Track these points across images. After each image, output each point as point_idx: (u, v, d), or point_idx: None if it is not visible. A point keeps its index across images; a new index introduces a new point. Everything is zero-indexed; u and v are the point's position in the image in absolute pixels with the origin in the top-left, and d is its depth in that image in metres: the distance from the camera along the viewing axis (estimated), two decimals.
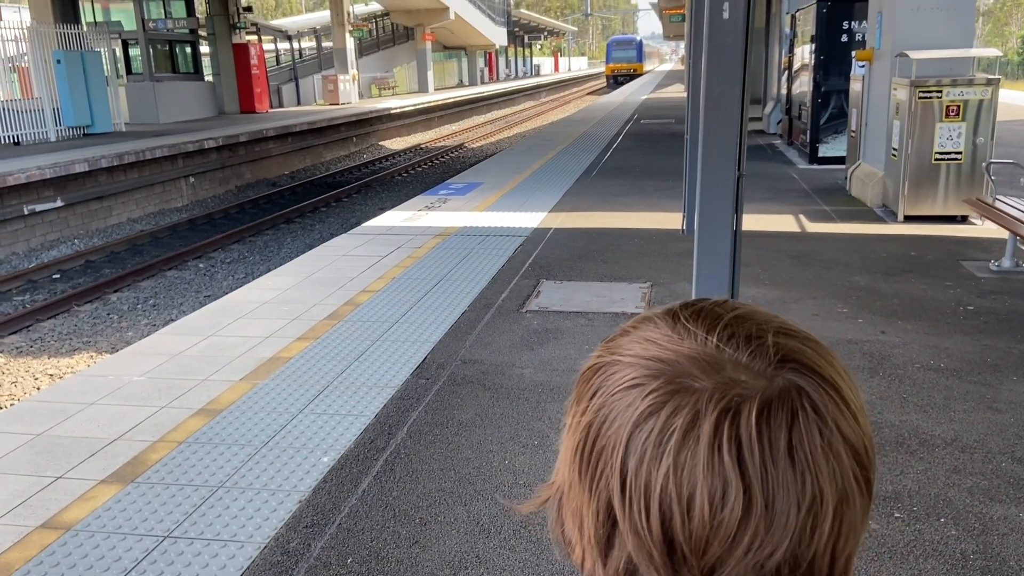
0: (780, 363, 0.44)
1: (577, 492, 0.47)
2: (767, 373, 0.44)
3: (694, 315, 0.48)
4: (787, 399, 0.43)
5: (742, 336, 0.46)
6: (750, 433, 0.42)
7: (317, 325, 5.08)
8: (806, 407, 0.43)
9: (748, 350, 0.45)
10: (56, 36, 16.60)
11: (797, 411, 0.43)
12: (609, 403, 0.45)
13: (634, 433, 0.43)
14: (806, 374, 0.44)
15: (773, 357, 0.45)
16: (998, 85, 7.36)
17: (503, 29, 49.60)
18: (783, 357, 0.45)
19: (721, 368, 0.44)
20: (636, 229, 7.72)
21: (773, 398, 0.43)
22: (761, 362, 0.44)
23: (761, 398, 0.43)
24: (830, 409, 0.44)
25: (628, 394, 0.45)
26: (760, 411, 0.42)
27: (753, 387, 0.43)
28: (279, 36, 31.41)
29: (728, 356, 0.45)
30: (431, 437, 3.56)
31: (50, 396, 4.20)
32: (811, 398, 0.44)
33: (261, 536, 2.83)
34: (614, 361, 0.47)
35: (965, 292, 5.47)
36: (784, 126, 14.05)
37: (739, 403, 0.42)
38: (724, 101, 3.28)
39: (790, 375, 0.44)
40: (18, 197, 11.43)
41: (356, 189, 16.37)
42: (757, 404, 0.42)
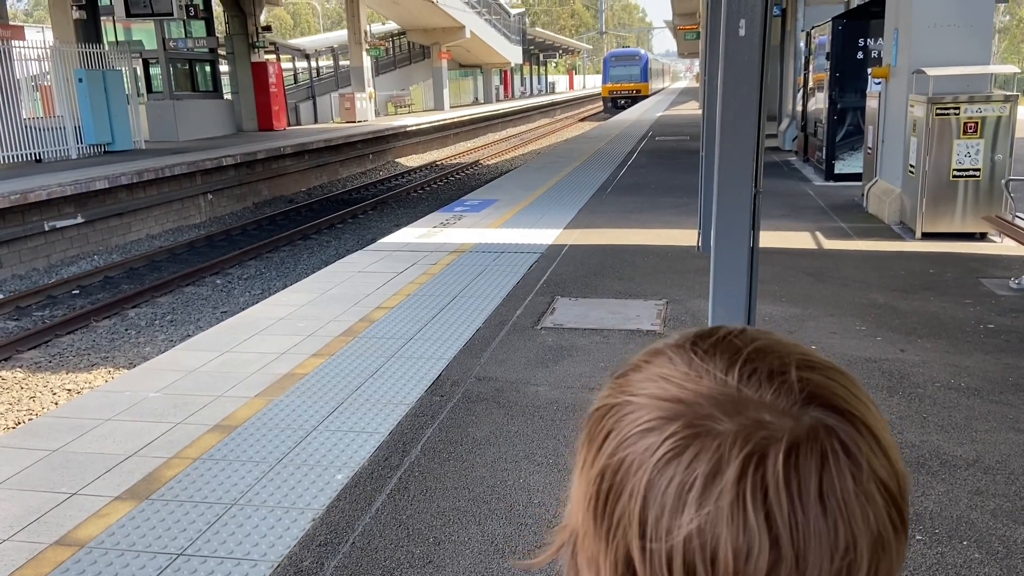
0: (806, 401, 0.42)
1: (592, 540, 0.44)
2: (793, 412, 0.41)
3: (711, 349, 0.45)
4: (816, 440, 0.40)
5: (764, 372, 0.43)
6: (777, 480, 0.39)
7: (332, 342, 5.09)
8: (836, 449, 0.40)
9: (771, 388, 0.42)
10: (78, 55, 16.84)
11: (827, 453, 0.40)
12: (624, 447, 0.43)
13: (653, 480, 0.41)
14: (834, 412, 0.42)
15: (799, 395, 0.42)
16: (1016, 102, 7.31)
17: (518, 47, 49.88)
18: (809, 394, 0.42)
19: (744, 408, 0.41)
20: (651, 246, 7.70)
21: (801, 440, 0.40)
22: (786, 400, 0.42)
23: (788, 441, 0.40)
24: (862, 449, 0.41)
25: (645, 438, 0.42)
26: (788, 455, 0.40)
27: (779, 428, 0.40)
28: (297, 55, 31.73)
29: (750, 395, 0.42)
30: (445, 455, 3.54)
31: (66, 412, 4.22)
32: (841, 439, 0.41)
33: (275, 554, 2.82)
34: (627, 402, 0.45)
35: (985, 310, 5.41)
36: (800, 143, 14.01)
37: (765, 447, 0.40)
38: (741, 118, 3.27)
39: (817, 413, 0.41)
40: (39, 213, 11.57)
41: (372, 206, 16.45)
42: (784, 447, 0.40)
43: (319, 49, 33.24)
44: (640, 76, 43.43)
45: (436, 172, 22.12)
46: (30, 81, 18.35)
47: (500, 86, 53.57)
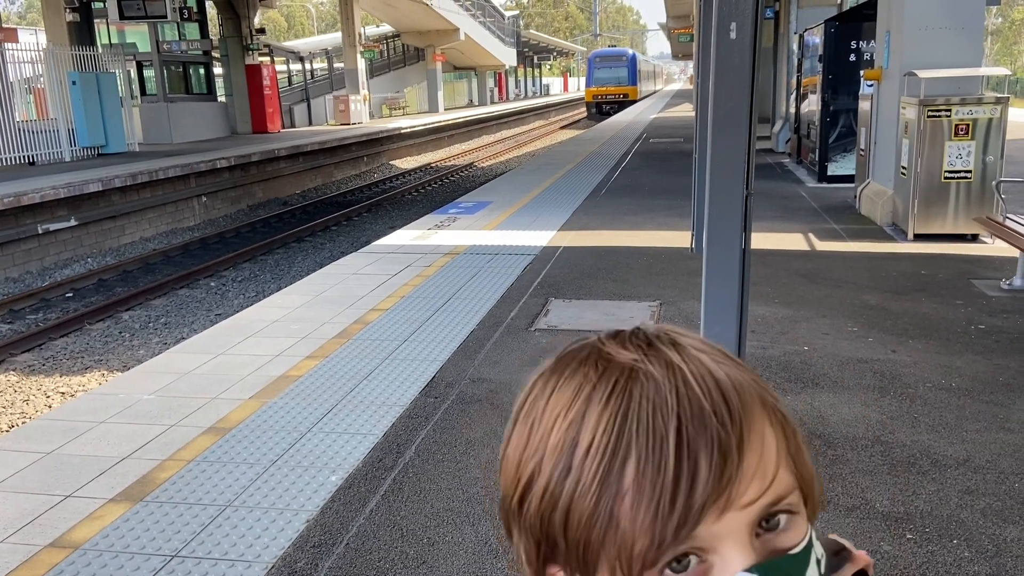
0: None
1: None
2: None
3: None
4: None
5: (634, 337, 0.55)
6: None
7: (327, 344, 5.09)
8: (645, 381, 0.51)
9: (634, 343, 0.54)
10: (71, 58, 16.81)
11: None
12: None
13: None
14: None
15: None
16: (1007, 103, 7.35)
17: (513, 50, 49.91)
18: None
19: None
20: (645, 248, 7.73)
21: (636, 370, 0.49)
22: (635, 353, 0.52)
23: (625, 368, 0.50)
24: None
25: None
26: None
27: (620, 361, 0.51)
28: (291, 57, 31.71)
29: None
30: (439, 456, 3.55)
31: (60, 414, 4.22)
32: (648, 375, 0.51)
33: (269, 556, 2.83)
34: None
35: (976, 311, 5.44)
36: (793, 145, 14.06)
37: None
38: (732, 120, 3.29)
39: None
40: (32, 216, 11.54)
41: (366, 208, 16.45)
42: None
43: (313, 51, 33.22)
44: (628, 78, 39.66)
45: (431, 174, 22.13)
46: (23, 83, 18.29)
47: (495, 88, 53.60)
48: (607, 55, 41.64)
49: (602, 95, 39.12)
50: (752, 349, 4.51)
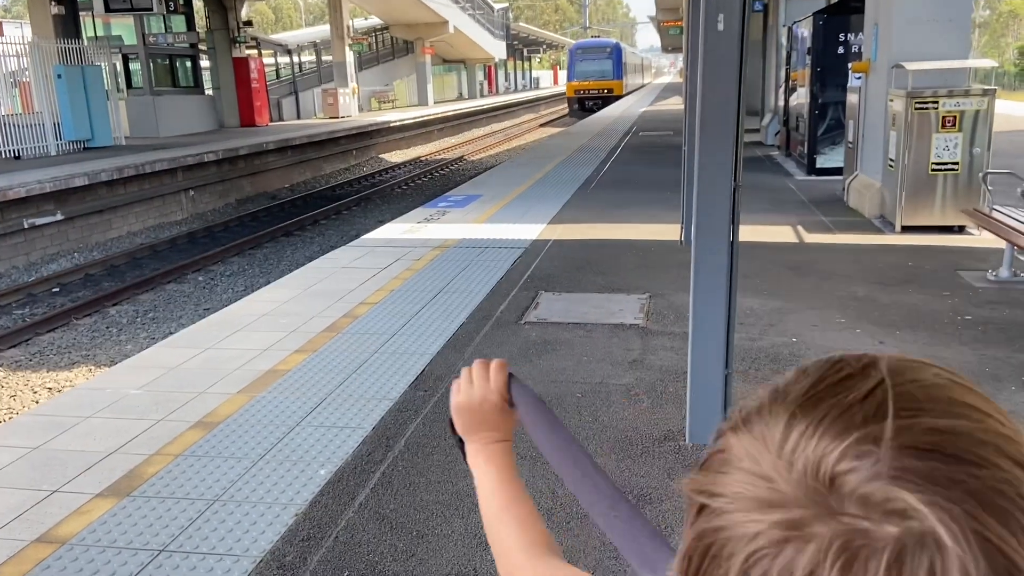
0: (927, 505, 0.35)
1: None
2: (903, 515, 0.34)
3: (816, 423, 0.38)
4: (923, 554, 0.34)
5: (872, 467, 0.36)
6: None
7: (315, 337, 5.08)
8: (949, 567, 0.33)
9: (879, 483, 0.35)
10: (57, 51, 16.67)
11: (935, 570, 0.33)
12: (711, 533, 0.39)
13: (747, 570, 0.37)
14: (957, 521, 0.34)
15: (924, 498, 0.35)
16: (994, 96, 7.38)
17: (502, 42, 49.81)
18: (931, 498, 0.35)
19: (840, 508, 0.35)
20: (635, 240, 7.73)
21: (906, 552, 0.34)
22: (896, 502, 0.35)
23: (890, 553, 0.34)
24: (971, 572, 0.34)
25: (742, 527, 0.38)
26: (888, 569, 0.34)
27: (880, 537, 0.34)
28: (279, 50, 31.55)
29: (849, 490, 0.36)
30: (429, 449, 3.55)
31: (47, 410, 4.19)
32: (961, 559, 0.33)
33: (257, 549, 2.82)
34: (719, 484, 0.40)
35: (963, 302, 5.47)
36: (782, 138, 14.09)
37: (861, 556, 0.34)
38: (720, 112, 3.29)
39: (934, 523, 0.34)
40: (18, 211, 11.45)
41: (356, 202, 16.40)
42: (884, 561, 0.34)
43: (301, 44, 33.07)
44: (612, 72, 36.83)
45: (420, 168, 22.08)
46: (8, 77, 18.13)
47: (484, 81, 53.49)
48: (589, 47, 38.74)
49: (584, 90, 36.47)
50: (741, 341, 4.53)
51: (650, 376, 4.33)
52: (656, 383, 4.23)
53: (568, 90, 37.98)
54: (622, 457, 3.44)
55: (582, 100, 36.28)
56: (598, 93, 35.96)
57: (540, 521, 0.84)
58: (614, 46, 38.28)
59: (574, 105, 36.75)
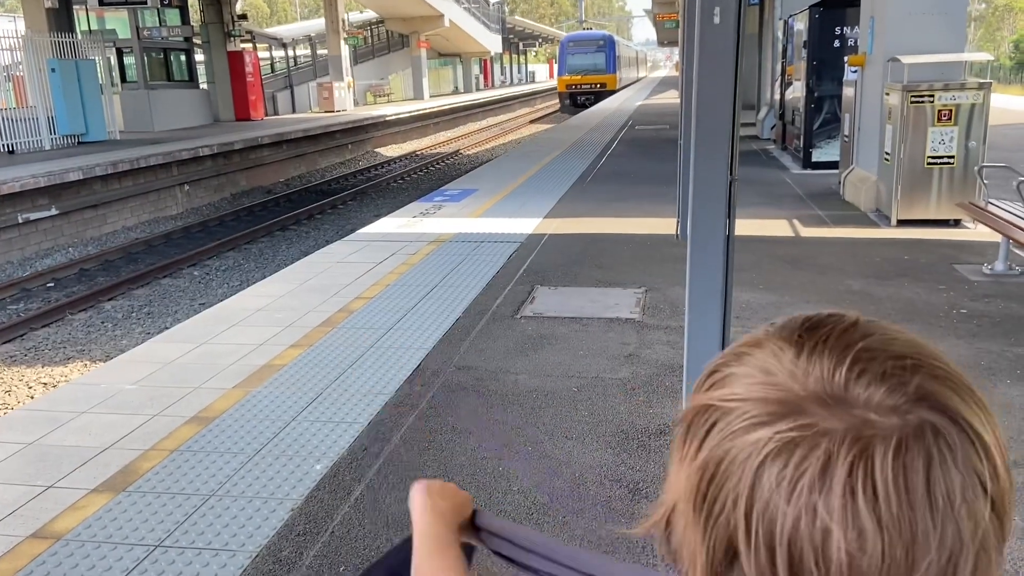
0: (915, 401, 0.42)
1: (692, 529, 0.46)
2: (900, 411, 0.42)
3: (821, 343, 0.46)
4: (922, 440, 0.41)
5: (875, 373, 0.44)
6: (886, 477, 0.40)
7: (311, 332, 5.07)
8: (943, 449, 0.41)
9: (881, 388, 0.43)
10: (51, 45, 16.59)
11: (933, 453, 0.41)
12: (730, 440, 0.44)
13: (759, 474, 0.42)
14: (941, 413, 0.42)
15: (910, 395, 0.43)
16: (990, 89, 7.38)
17: (498, 36, 49.70)
18: (919, 396, 0.43)
19: (851, 407, 0.42)
20: (631, 234, 7.73)
21: (908, 439, 0.41)
22: (894, 400, 0.42)
23: (896, 439, 0.41)
24: (968, 453, 0.42)
25: (752, 432, 0.43)
26: (896, 452, 0.41)
27: (886, 427, 0.41)
28: (274, 44, 31.42)
29: (859, 394, 0.43)
30: (425, 444, 3.55)
31: (42, 405, 4.18)
32: (947, 440, 0.42)
33: (253, 545, 2.82)
34: (731, 395, 0.46)
35: (958, 296, 5.48)
36: (778, 131, 14.08)
37: (872, 445, 0.41)
38: (716, 105, 3.28)
39: (924, 414, 0.42)
40: (12, 206, 11.41)
41: (351, 196, 16.37)
42: (892, 445, 0.41)
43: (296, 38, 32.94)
44: (605, 66, 35.43)
45: (416, 162, 22.04)
46: (2, 71, 18.04)
47: (480, 75, 53.39)
48: (581, 39, 37.01)
49: (576, 85, 34.99)
50: (737, 335, 4.52)
51: (646, 370, 4.33)
52: (652, 377, 4.23)
53: (559, 85, 36.42)
54: (618, 451, 3.44)
55: (574, 95, 34.93)
56: (590, 88, 34.73)
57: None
58: (607, 38, 36.65)
59: (565, 101, 35.44)
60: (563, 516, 2.95)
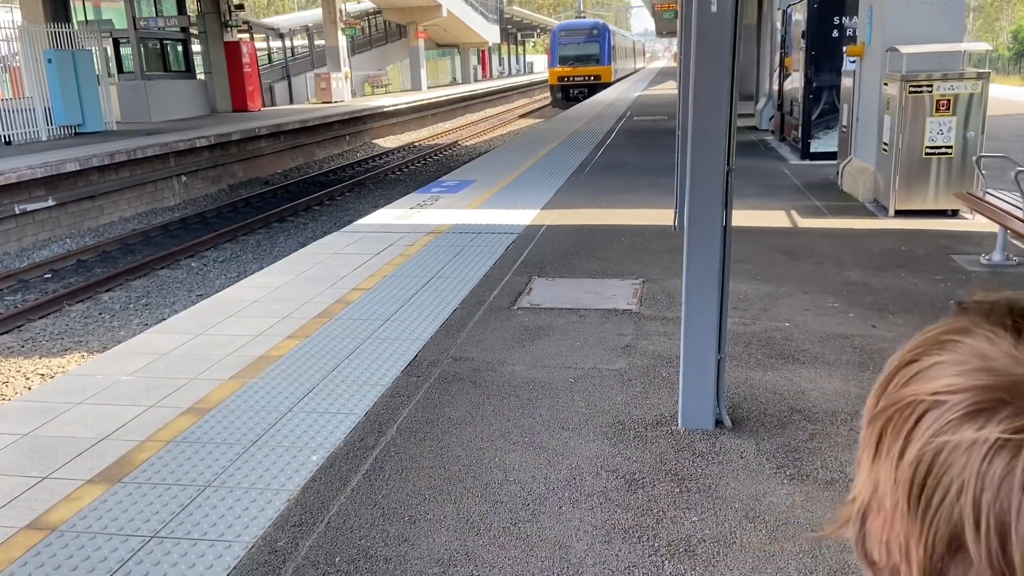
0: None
1: (905, 523, 0.45)
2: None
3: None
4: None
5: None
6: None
7: (308, 323, 5.06)
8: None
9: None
10: (47, 35, 16.52)
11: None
12: (946, 432, 0.43)
13: (987, 463, 0.41)
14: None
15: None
16: (988, 79, 7.36)
17: (496, 27, 49.54)
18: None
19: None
20: (628, 226, 7.72)
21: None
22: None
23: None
24: None
25: (973, 421, 0.42)
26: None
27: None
28: (271, 34, 31.31)
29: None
30: (421, 435, 3.55)
31: (37, 396, 4.17)
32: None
33: (249, 535, 2.82)
34: (947, 386, 0.44)
35: (956, 286, 5.48)
36: (776, 122, 14.06)
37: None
38: (713, 95, 3.27)
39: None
40: (9, 196, 11.38)
41: (349, 187, 16.34)
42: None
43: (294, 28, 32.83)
44: (600, 56, 33.62)
45: (413, 153, 21.99)
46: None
47: (478, 66, 53.24)
48: (574, 28, 34.94)
49: (569, 77, 33.14)
50: (734, 325, 4.53)
51: (643, 361, 4.32)
52: (649, 368, 4.23)
53: (550, 77, 34.48)
54: (615, 442, 3.44)
55: (566, 88, 33.11)
56: (584, 80, 32.94)
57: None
58: (601, 27, 34.62)
59: (557, 94, 33.63)
60: (559, 507, 2.95)
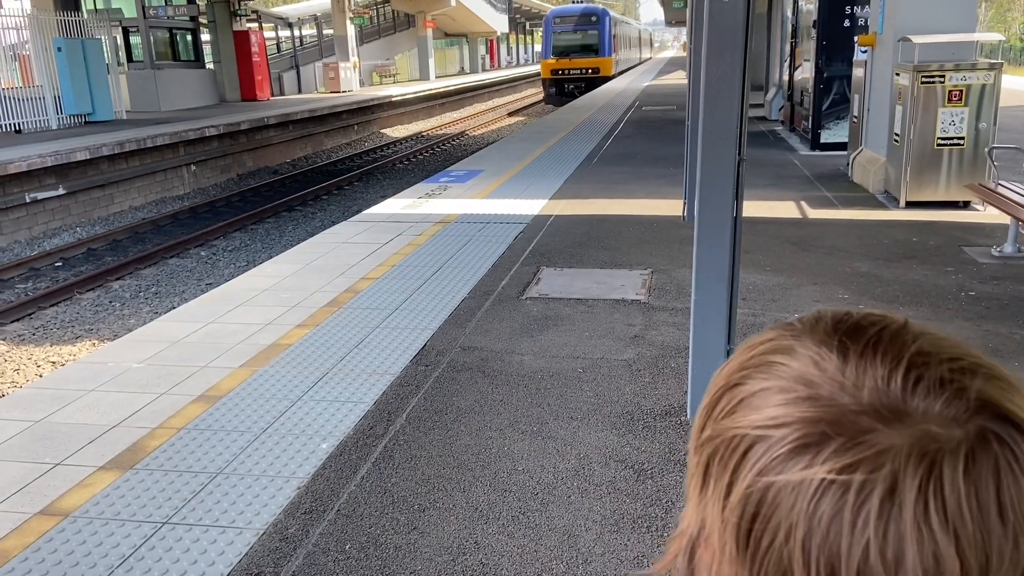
0: (976, 410, 0.39)
1: (735, 565, 0.42)
2: (961, 422, 0.39)
3: (870, 348, 0.41)
4: (988, 450, 0.38)
5: (933, 380, 0.40)
6: (958, 492, 0.37)
7: (317, 312, 5.08)
8: (1009, 458, 0.38)
9: (941, 397, 0.39)
10: (57, 24, 16.54)
11: (1001, 465, 0.38)
12: (773, 469, 0.40)
13: (815, 502, 0.38)
14: (1003, 421, 0.39)
15: (971, 403, 0.39)
16: (1001, 70, 7.30)
17: (504, 16, 49.35)
18: (981, 403, 0.39)
19: (909, 419, 0.39)
20: (637, 216, 7.70)
21: (975, 451, 0.38)
22: (955, 410, 0.39)
23: (964, 451, 0.38)
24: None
25: (800, 457, 0.39)
26: (965, 468, 0.37)
27: (950, 439, 0.38)
28: (280, 23, 31.28)
29: (917, 405, 0.39)
30: (430, 424, 3.56)
31: (49, 383, 4.20)
32: (1012, 449, 0.39)
33: (260, 522, 2.84)
34: (770, 419, 0.41)
35: (967, 278, 5.45)
36: (786, 112, 13.98)
37: (940, 461, 0.38)
38: (724, 85, 3.25)
39: (986, 422, 0.39)
40: (20, 185, 11.42)
41: (357, 177, 16.34)
42: (962, 459, 0.38)
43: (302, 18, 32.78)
44: (598, 47, 29.48)
45: (421, 143, 21.97)
46: (8, 50, 18.01)
47: (486, 55, 53.08)
48: (569, 14, 30.50)
49: (563, 70, 29.14)
50: (743, 317, 4.52)
51: (652, 352, 4.32)
52: (658, 359, 4.23)
53: (542, 70, 30.29)
54: (623, 432, 3.44)
55: (560, 82, 29.23)
56: (580, 74, 29.07)
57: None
58: (600, 13, 30.24)
59: (550, 89, 29.66)
60: (568, 496, 2.95)
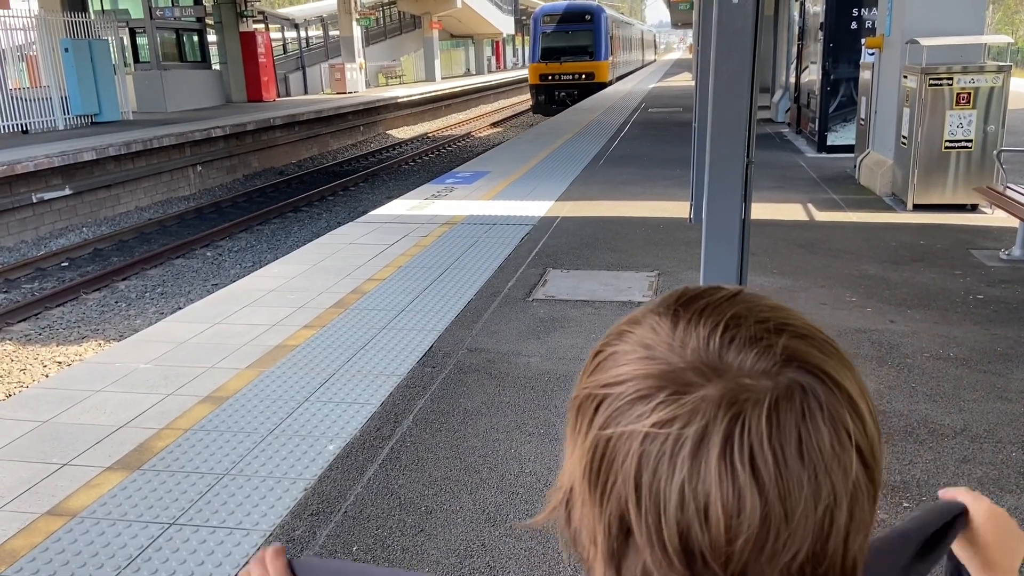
0: (784, 363, 0.44)
1: (588, 506, 0.47)
2: (771, 374, 0.44)
3: (694, 317, 0.47)
4: (793, 399, 0.43)
5: (744, 338, 0.45)
6: (760, 438, 0.42)
7: (323, 313, 5.08)
8: (812, 406, 0.43)
9: (752, 352, 0.44)
10: (64, 25, 16.59)
11: (804, 411, 0.43)
12: (615, 418, 0.45)
13: (644, 447, 0.43)
14: (810, 373, 0.44)
15: (778, 357, 0.44)
16: (1009, 72, 7.27)
17: (510, 17, 49.37)
18: (787, 357, 0.44)
19: (725, 373, 0.44)
20: (643, 218, 7.69)
21: (780, 399, 0.43)
22: (765, 363, 0.44)
23: (768, 400, 0.43)
24: (836, 408, 0.44)
25: (634, 407, 0.44)
26: (768, 414, 0.42)
27: (759, 390, 0.43)
28: (286, 24, 31.33)
29: (731, 360, 0.44)
30: (437, 426, 3.55)
31: (56, 383, 4.21)
32: (817, 397, 0.43)
33: (266, 524, 2.83)
34: (614, 375, 0.46)
35: (975, 281, 5.43)
36: (793, 115, 13.96)
37: (747, 407, 0.42)
38: (733, 87, 3.25)
39: (794, 374, 0.44)
40: (27, 185, 11.46)
41: (363, 178, 16.36)
42: (765, 407, 0.42)
43: (308, 19, 32.83)
44: (593, 49, 25.82)
45: (427, 144, 21.99)
46: (15, 51, 18.07)
47: (492, 57, 53.10)
48: (558, 11, 26.35)
49: (554, 75, 25.35)
50: None
51: None
52: None
53: (530, 75, 26.46)
54: None
55: (550, 90, 25.57)
56: (572, 79, 25.41)
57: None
58: (595, 11, 26.35)
59: (539, 97, 25.95)
60: None
